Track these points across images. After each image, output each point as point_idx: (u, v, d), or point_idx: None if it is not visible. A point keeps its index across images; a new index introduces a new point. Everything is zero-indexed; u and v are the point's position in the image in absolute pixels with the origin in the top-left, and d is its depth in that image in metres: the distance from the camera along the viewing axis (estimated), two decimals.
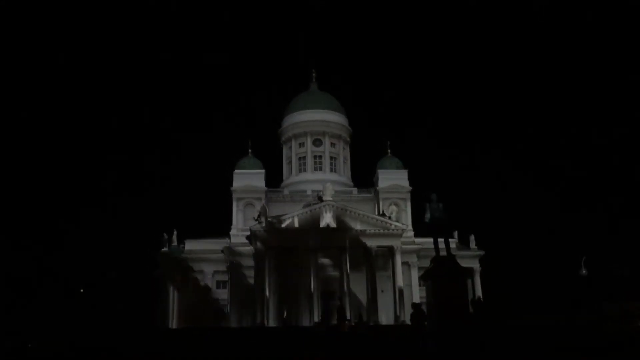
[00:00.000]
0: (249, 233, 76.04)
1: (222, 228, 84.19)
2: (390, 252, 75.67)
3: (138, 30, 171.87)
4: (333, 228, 74.43)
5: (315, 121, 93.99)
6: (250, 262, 76.48)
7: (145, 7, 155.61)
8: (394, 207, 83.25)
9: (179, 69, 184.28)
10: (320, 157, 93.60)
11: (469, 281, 76.34)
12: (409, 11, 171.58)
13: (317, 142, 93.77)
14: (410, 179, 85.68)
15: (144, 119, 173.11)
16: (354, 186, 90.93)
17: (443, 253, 27.40)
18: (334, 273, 75.64)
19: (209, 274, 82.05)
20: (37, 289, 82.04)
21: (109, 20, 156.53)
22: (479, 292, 78.14)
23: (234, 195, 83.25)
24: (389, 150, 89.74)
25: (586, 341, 27.74)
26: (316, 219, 74.73)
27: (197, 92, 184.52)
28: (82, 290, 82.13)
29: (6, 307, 72.07)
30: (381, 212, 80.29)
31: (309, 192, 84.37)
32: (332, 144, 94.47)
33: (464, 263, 52.43)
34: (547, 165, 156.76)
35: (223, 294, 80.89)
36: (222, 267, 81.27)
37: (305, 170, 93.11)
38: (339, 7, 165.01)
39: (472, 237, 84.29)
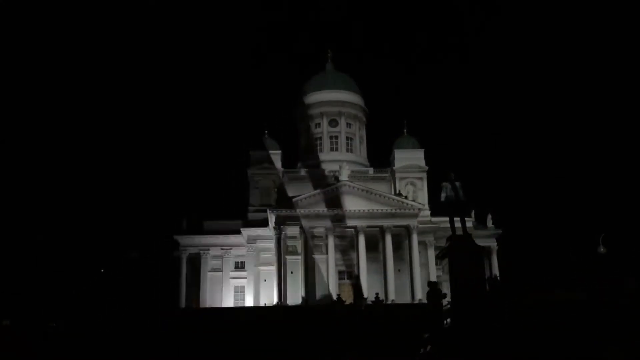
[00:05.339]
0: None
1: (237, 207, 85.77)
2: (406, 231, 75.79)
3: (154, 9, 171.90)
4: (349, 208, 74.63)
5: (331, 101, 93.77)
6: (268, 243, 77.23)
7: None
8: (410, 187, 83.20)
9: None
10: (336, 137, 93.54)
11: (486, 260, 76.42)
12: None
13: (333, 123, 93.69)
14: (426, 158, 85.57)
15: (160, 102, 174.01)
16: (370, 166, 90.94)
17: (459, 232, 27.37)
18: (351, 253, 76.07)
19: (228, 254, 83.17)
20: (57, 269, 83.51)
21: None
22: (496, 270, 78.23)
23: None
24: (405, 130, 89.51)
25: (603, 316, 27.62)
26: (332, 199, 74.98)
27: (211, 73, 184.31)
28: (102, 271, 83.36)
29: (28, 287, 73.56)
30: (397, 192, 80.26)
31: (325, 173, 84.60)
32: (348, 124, 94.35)
33: (481, 242, 52.39)
34: (564, 141, 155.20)
35: (242, 275, 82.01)
36: (242, 250, 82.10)
37: (321, 150, 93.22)
38: None
39: (489, 216, 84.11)
